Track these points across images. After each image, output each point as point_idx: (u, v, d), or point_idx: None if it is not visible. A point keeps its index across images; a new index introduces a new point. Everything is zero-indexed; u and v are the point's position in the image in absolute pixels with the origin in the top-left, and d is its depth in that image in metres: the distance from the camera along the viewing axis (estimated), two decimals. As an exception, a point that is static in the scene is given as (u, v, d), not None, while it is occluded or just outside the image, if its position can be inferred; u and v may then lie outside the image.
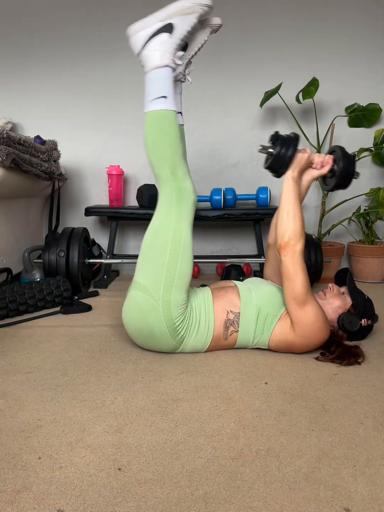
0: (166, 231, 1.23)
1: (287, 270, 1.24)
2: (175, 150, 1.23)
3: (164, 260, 1.23)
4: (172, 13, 1.23)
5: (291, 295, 1.24)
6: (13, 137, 1.81)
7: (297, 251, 1.23)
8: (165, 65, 1.23)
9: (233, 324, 1.29)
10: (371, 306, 1.38)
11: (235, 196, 2.33)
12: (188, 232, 1.25)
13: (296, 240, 1.23)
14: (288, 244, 1.23)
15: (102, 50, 2.53)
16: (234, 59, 2.52)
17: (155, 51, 1.23)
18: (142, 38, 1.24)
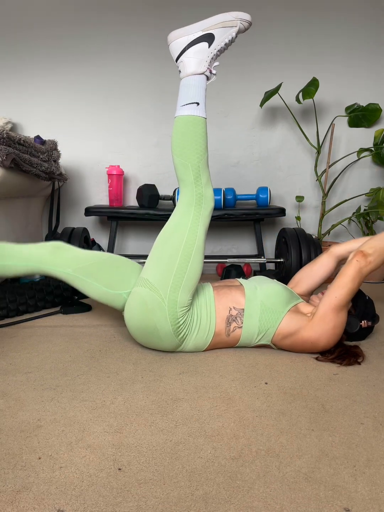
0: (181, 233, 1.25)
1: (349, 272, 1.25)
2: (201, 156, 1.25)
3: (176, 261, 1.24)
4: (214, 24, 1.27)
5: (336, 293, 1.25)
6: (13, 137, 1.81)
7: (368, 267, 1.25)
8: (201, 72, 1.27)
9: (236, 320, 1.29)
10: (371, 307, 1.38)
11: (235, 196, 2.33)
12: (202, 236, 1.28)
13: (375, 261, 1.26)
14: (368, 256, 1.25)
15: (103, 50, 2.53)
16: (234, 59, 2.52)
17: (193, 59, 1.26)
18: (182, 44, 1.27)
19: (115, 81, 2.57)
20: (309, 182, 2.63)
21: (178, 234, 1.25)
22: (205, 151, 1.26)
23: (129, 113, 2.58)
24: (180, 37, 1.27)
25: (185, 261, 1.25)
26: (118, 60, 2.54)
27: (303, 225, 2.62)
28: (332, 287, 1.26)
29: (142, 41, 2.51)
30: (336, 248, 1.45)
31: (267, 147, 2.61)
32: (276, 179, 2.63)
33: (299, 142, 2.58)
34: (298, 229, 2.16)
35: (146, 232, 2.67)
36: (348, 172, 2.60)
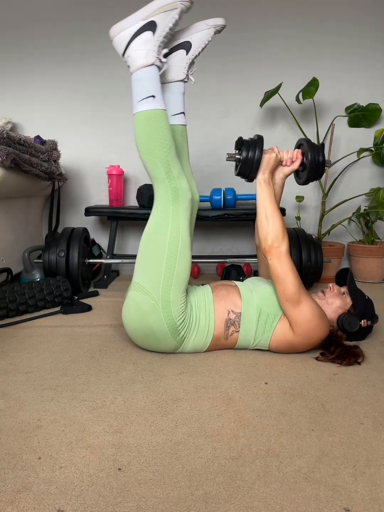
0: (163, 231, 1.23)
1: (276, 272, 1.24)
2: (168, 149, 1.21)
3: (162, 261, 1.23)
4: (153, 11, 1.21)
5: (283, 296, 1.24)
6: (13, 137, 1.81)
7: (282, 252, 1.23)
8: (151, 63, 1.22)
9: (234, 324, 1.29)
10: (371, 307, 1.38)
11: (235, 196, 2.33)
12: (186, 231, 1.25)
13: (279, 241, 1.24)
14: (272, 247, 1.24)
15: (103, 50, 2.53)
16: (234, 59, 2.52)
17: (139, 51, 1.21)
18: (125, 38, 1.22)
19: (115, 81, 2.56)
20: (309, 182, 2.62)
21: (161, 233, 1.23)
22: (171, 144, 1.22)
23: (129, 113, 2.55)
24: (122, 31, 1.23)
25: (172, 259, 1.23)
26: (118, 60, 2.52)
27: (303, 225, 2.62)
28: (278, 294, 1.26)
29: (142, 41, 2.51)
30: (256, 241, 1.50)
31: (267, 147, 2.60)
32: (276, 179, 2.62)
33: (299, 142, 2.58)
34: (298, 229, 2.16)
35: (146, 232, 2.67)
36: (348, 172, 2.60)
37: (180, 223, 1.23)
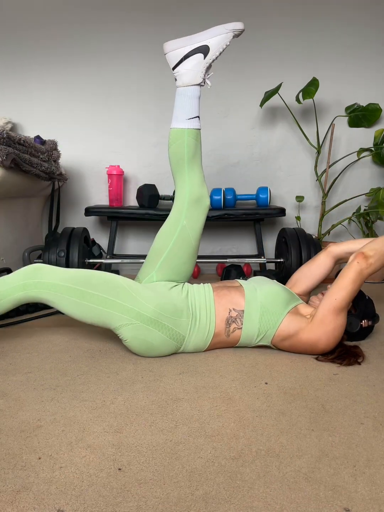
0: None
1: (350, 274, 1.25)
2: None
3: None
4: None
5: (336, 295, 1.24)
6: (13, 137, 1.81)
7: (369, 269, 1.25)
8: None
9: (236, 321, 1.29)
10: (371, 307, 1.38)
11: (235, 196, 2.33)
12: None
13: (376, 263, 1.26)
14: (369, 258, 1.25)
15: (103, 50, 2.53)
16: (234, 59, 2.51)
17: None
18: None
19: (115, 81, 2.57)
20: (309, 182, 2.63)
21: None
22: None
23: (129, 113, 2.58)
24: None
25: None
26: (118, 60, 2.54)
27: (303, 225, 2.62)
28: (332, 288, 1.26)
29: (142, 40, 2.51)
30: (334, 247, 1.45)
31: (267, 147, 2.61)
32: (276, 179, 2.63)
33: (299, 142, 2.58)
34: (298, 229, 2.16)
35: (146, 232, 2.67)
36: (348, 172, 2.60)
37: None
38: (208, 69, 1.36)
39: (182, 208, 1.34)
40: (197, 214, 1.36)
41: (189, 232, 1.35)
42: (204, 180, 1.37)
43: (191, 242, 1.36)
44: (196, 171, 1.35)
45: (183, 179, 1.35)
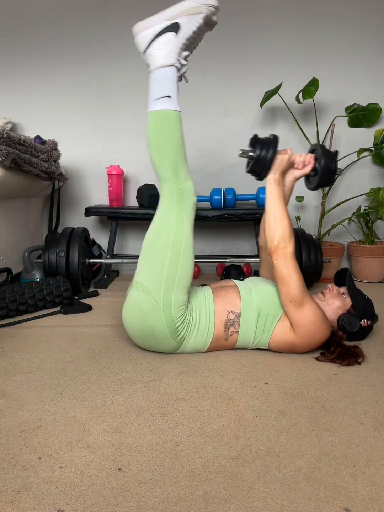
0: (167, 231, 1.23)
1: (281, 273, 1.24)
2: (178, 151, 1.22)
3: (165, 261, 1.22)
4: (178, 13, 1.22)
5: (287, 297, 1.24)
6: (13, 137, 1.81)
7: (288, 253, 1.23)
8: (170, 64, 1.22)
9: (234, 325, 1.29)
10: (371, 307, 1.38)
11: (235, 196, 2.33)
12: (189, 232, 1.25)
13: (286, 242, 1.24)
14: (278, 247, 1.24)
15: (103, 50, 2.53)
16: (234, 59, 2.51)
17: (161, 50, 1.22)
18: (147, 36, 1.23)
19: (115, 81, 2.57)
20: (309, 182, 2.63)
21: (165, 233, 1.23)
22: (181, 145, 1.23)
23: (129, 113, 2.57)
24: (145, 29, 1.23)
25: (175, 261, 1.22)
26: (117, 60, 2.54)
27: (303, 225, 2.62)
28: (281, 295, 1.26)
29: (142, 41, 2.51)
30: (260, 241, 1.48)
31: (267, 147, 2.60)
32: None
33: (299, 142, 2.58)
34: (298, 229, 2.16)
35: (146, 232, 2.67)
36: (348, 172, 2.60)
37: (183, 224, 1.23)
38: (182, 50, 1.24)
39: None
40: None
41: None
42: (188, 173, 1.26)
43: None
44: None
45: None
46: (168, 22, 1.22)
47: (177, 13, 1.22)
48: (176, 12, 1.22)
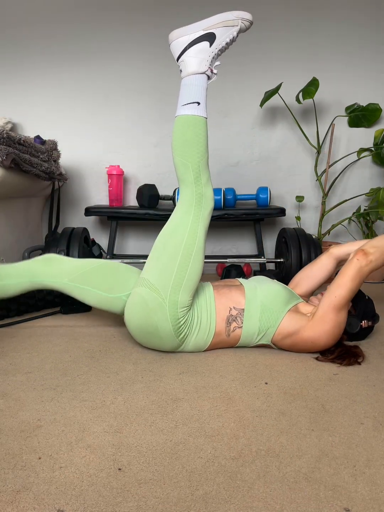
0: (182, 232, 1.25)
1: (349, 271, 1.25)
2: (202, 156, 1.25)
3: (176, 261, 1.24)
4: (215, 24, 1.27)
5: (335, 292, 1.24)
6: (13, 137, 1.80)
7: (369, 266, 1.25)
8: (202, 72, 1.26)
9: (236, 320, 1.29)
10: (371, 307, 1.38)
11: (235, 196, 2.33)
12: (202, 236, 1.27)
13: (377, 260, 1.26)
14: (369, 255, 1.25)
15: (103, 50, 2.53)
16: (234, 59, 2.51)
17: (194, 58, 1.26)
18: (183, 43, 1.27)
19: (115, 81, 2.56)
20: (309, 182, 2.63)
21: (179, 234, 1.25)
22: (205, 151, 1.26)
23: (129, 113, 2.58)
24: (181, 36, 1.27)
25: (185, 262, 1.24)
26: (118, 60, 2.54)
27: (303, 225, 2.62)
28: (332, 286, 1.26)
29: (142, 40, 2.51)
30: (336, 249, 1.45)
31: (267, 147, 2.61)
32: (276, 179, 2.63)
33: (299, 142, 2.58)
34: (298, 229, 2.16)
35: (146, 232, 2.67)
36: (348, 172, 2.60)
37: (198, 228, 1.26)
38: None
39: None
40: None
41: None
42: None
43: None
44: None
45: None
46: (204, 31, 1.27)
47: (214, 24, 1.27)
48: (213, 22, 1.27)
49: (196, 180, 1.25)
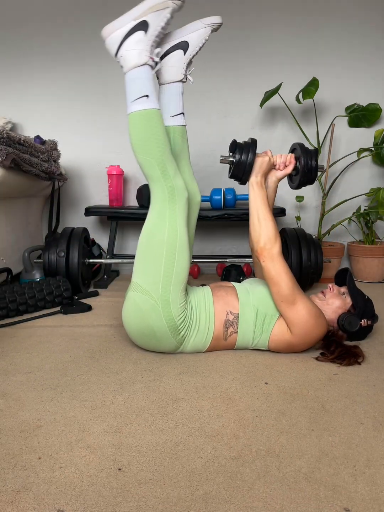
0: (161, 231, 1.23)
1: (270, 274, 1.24)
2: (162, 149, 1.21)
3: (161, 260, 1.22)
4: (145, 10, 1.21)
5: (279, 298, 1.24)
6: (13, 137, 1.80)
7: (275, 254, 1.24)
8: (144, 63, 1.22)
9: (233, 325, 1.29)
10: (371, 306, 1.38)
11: (235, 196, 2.33)
12: (183, 230, 1.24)
13: (272, 243, 1.24)
14: (264, 248, 1.24)
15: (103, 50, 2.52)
16: (234, 59, 2.51)
17: (132, 51, 1.21)
18: (117, 38, 1.23)
19: (115, 81, 2.56)
20: (309, 182, 2.62)
21: (159, 232, 1.23)
22: (166, 143, 1.22)
23: (129, 113, 2.57)
24: (113, 31, 1.23)
25: (170, 259, 1.22)
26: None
27: (303, 225, 2.62)
28: (273, 296, 1.26)
29: (142, 41, 2.51)
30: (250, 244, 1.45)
31: (267, 147, 2.60)
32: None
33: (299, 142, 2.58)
34: (298, 229, 2.16)
35: (146, 232, 2.67)
36: (348, 172, 2.60)
37: (177, 222, 1.23)
38: (189, 65, 1.32)
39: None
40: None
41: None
42: (193, 176, 1.33)
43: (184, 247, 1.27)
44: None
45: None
46: (136, 21, 1.21)
47: (144, 11, 1.21)
48: (142, 10, 1.21)
49: (164, 174, 1.21)
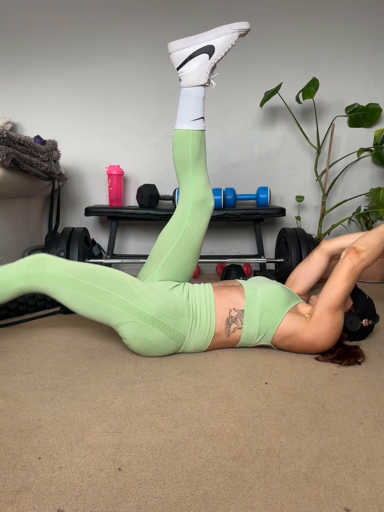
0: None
1: (342, 271, 1.24)
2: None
3: None
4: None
5: (330, 294, 1.24)
6: (13, 137, 1.80)
7: (361, 264, 1.24)
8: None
9: (236, 321, 1.29)
10: (372, 306, 1.38)
11: (235, 196, 2.33)
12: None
13: (368, 257, 1.25)
14: (360, 252, 1.25)
15: (103, 51, 2.53)
16: (234, 59, 2.51)
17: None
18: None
19: (115, 81, 2.57)
20: (309, 182, 2.63)
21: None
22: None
23: (129, 113, 2.58)
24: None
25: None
26: (118, 60, 2.54)
27: (303, 225, 2.62)
28: (327, 287, 1.26)
29: (142, 41, 2.51)
30: (327, 244, 1.46)
31: (267, 147, 2.61)
32: (276, 179, 2.63)
33: (299, 142, 2.58)
34: (298, 229, 2.16)
35: (146, 232, 2.67)
36: (348, 172, 2.60)
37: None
38: (213, 70, 1.35)
39: (186, 210, 1.34)
40: (201, 216, 1.34)
41: (192, 234, 1.34)
42: (208, 182, 1.37)
43: (194, 243, 1.35)
44: (201, 173, 1.35)
45: (187, 181, 1.34)
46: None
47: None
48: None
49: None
